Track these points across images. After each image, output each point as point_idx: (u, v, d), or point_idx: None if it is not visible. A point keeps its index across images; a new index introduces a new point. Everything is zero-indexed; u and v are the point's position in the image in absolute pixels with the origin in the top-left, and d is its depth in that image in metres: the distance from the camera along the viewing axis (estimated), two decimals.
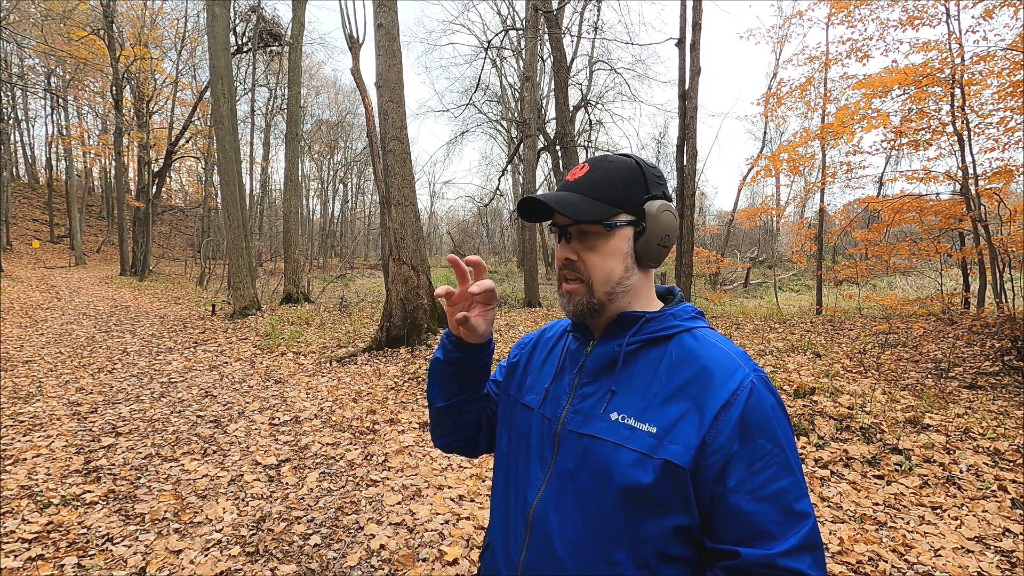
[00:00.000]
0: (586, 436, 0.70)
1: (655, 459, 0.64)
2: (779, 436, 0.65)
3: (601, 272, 0.73)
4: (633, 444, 0.66)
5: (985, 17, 6.63)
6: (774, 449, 0.64)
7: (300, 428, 4.06)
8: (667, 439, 0.65)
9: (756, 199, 32.67)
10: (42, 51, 15.63)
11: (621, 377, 0.72)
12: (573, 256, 0.74)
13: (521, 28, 16.05)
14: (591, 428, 0.70)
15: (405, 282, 6.58)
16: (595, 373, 0.75)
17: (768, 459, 0.63)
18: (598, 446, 0.69)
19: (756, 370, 0.68)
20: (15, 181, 29.05)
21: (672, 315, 0.74)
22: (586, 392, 0.74)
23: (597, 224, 0.72)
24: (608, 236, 0.72)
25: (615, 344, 0.74)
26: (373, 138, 10.07)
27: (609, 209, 0.72)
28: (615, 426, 0.68)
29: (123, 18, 18.14)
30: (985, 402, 3.97)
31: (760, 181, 28.29)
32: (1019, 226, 6.50)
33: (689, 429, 0.64)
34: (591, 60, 19.49)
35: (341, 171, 36.54)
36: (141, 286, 15.80)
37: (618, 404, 0.70)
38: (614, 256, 0.73)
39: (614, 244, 0.73)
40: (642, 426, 0.67)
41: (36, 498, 2.86)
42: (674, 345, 0.72)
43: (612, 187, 0.72)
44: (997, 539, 2.33)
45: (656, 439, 0.65)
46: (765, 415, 0.65)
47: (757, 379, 0.67)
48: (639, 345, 0.73)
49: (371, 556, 2.40)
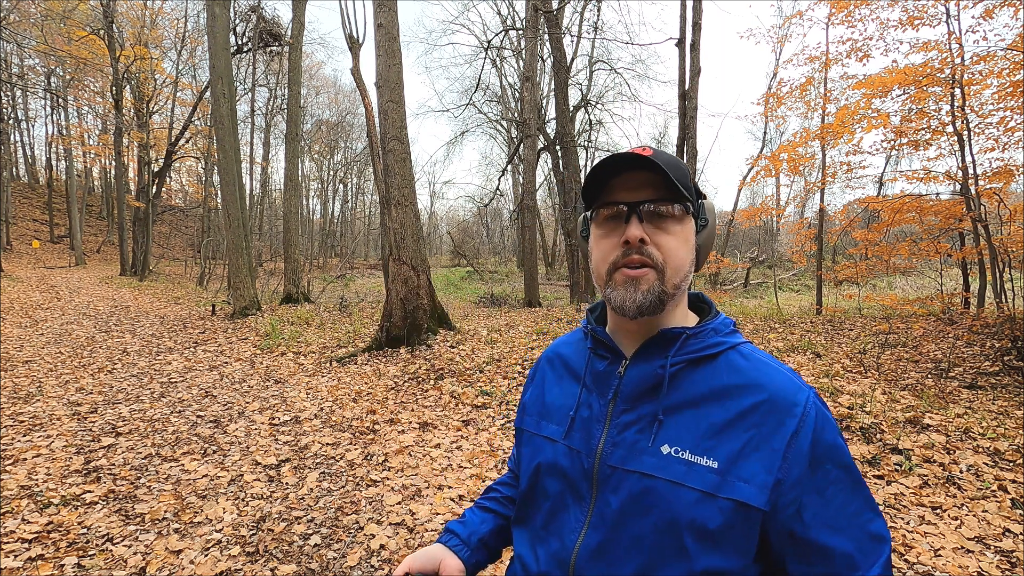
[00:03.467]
0: (634, 473, 0.62)
1: (721, 499, 0.57)
2: (845, 456, 0.60)
3: (676, 259, 0.64)
4: (693, 482, 0.58)
5: (985, 17, 6.63)
6: (842, 472, 0.60)
7: (300, 428, 4.06)
8: (733, 475, 0.58)
9: (756, 199, 32.69)
10: (42, 51, 15.63)
11: (668, 404, 0.63)
12: (649, 235, 0.64)
13: (521, 28, 16.05)
14: (639, 464, 0.62)
15: (405, 282, 6.58)
16: (634, 399, 0.65)
17: (839, 484, 0.59)
18: (651, 485, 0.60)
19: (810, 388, 0.63)
20: (15, 181, 29.04)
21: (713, 330, 0.66)
22: (626, 421, 0.65)
23: (681, 204, 0.64)
24: (684, 221, 0.65)
25: (657, 365, 0.64)
26: (373, 138, 10.07)
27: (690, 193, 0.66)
28: (668, 461, 0.60)
29: (123, 18, 18.13)
30: (985, 402, 3.97)
31: (760, 181, 28.31)
32: (1019, 226, 6.50)
33: (758, 465, 0.58)
34: (591, 60, 19.50)
35: (341, 171, 36.57)
36: (141, 286, 15.80)
37: (668, 435, 0.62)
38: (687, 245, 0.65)
39: (688, 232, 0.66)
40: (700, 460, 0.59)
41: (36, 498, 2.86)
42: (723, 366, 0.64)
43: (684, 174, 0.65)
44: (997, 539, 2.33)
45: (719, 475, 0.58)
46: (832, 439, 0.60)
47: (816, 398, 0.61)
48: (683, 366, 0.64)
49: (371, 556, 2.40)
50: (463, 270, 26.36)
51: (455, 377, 5.22)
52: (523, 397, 0.84)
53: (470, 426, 4.08)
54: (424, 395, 4.81)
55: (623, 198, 0.65)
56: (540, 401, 0.78)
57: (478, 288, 18.60)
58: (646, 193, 0.64)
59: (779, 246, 26.61)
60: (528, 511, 0.74)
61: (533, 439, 0.75)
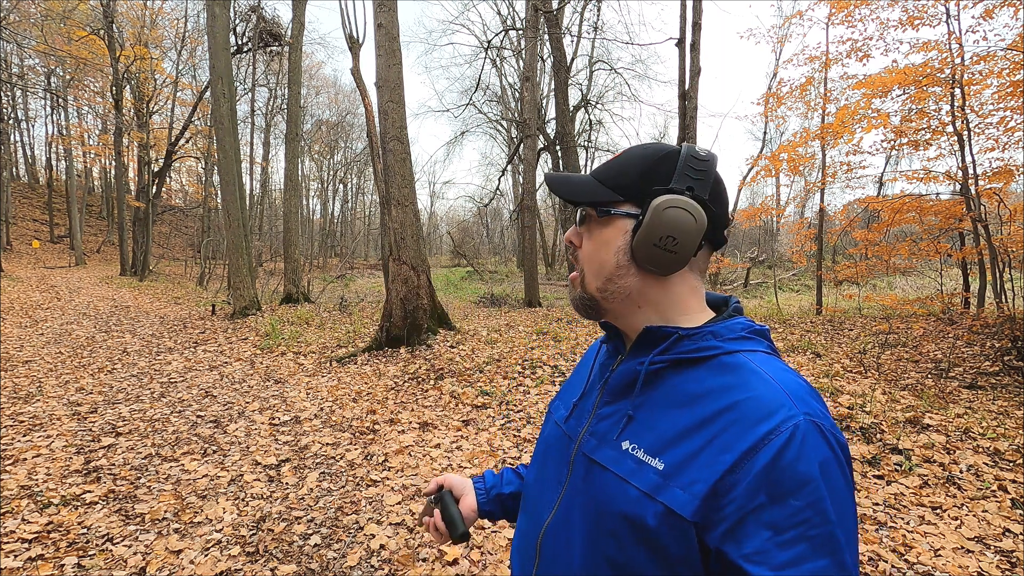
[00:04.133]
0: (596, 464, 0.63)
1: (657, 502, 0.55)
2: (824, 501, 0.49)
3: (592, 264, 0.66)
4: (637, 480, 0.57)
5: (985, 17, 6.63)
6: (814, 517, 0.48)
7: (300, 428, 4.06)
8: (674, 480, 0.55)
9: (756, 199, 32.69)
10: (42, 51, 15.63)
11: (640, 401, 0.63)
12: (575, 240, 0.69)
13: (521, 28, 16.05)
14: (601, 455, 0.63)
15: (405, 282, 6.58)
16: (616, 393, 0.66)
17: (804, 529, 0.48)
18: (604, 476, 0.61)
19: (811, 414, 0.53)
20: (15, 181, 29.04)
21: (711, 333, 0.62)
22: (605, 413, 0.66)
23: (592, 207, 0.66)
24: (602, 223, 0.66)
25: (637, 362, 0.64)
26: (373, 138, 10.07)
27: (608, 194, 0.65)
28: (624, 456, 0.60)
29: (123, 18, 18.14)
30: (985, 402, 3.97)
31: (760, 181, 28.30)
32: (1019, 226, 6.50)
33: (700, 473, 0.53)
34: (591, 60, 19.52)
35: (341, 171, 36.58)
36: (141, 286, 15.80)
37: (633, 432, 0.61)
38: (606, 248, 0.65)
39: (608, 234, 0.65)
40: (650, 460, 0.58)
41: (36, 498, 2.86)
42: (706, 369, 0.60)
43: (624, 173, 0.66)
44: (997, 539, 2.33)
45: (662, 478, 0.56)
46: (806, 472, 0.49)
47: (808, 424, 0.52)
48: (665, 365, 0.62)
49: (371, 556, 2.40)
50: (463, 270, 26.36)
51: (455, 377, 5.22)
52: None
53: (470, 426, 4.08)
54: (424, 395, 4.81)
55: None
56: (566, 385, 0.83)
57: (478, 288, 18.60)
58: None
59: (779, 246, 26.61)
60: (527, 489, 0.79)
61: (549, 419, 0.80)
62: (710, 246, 0.67)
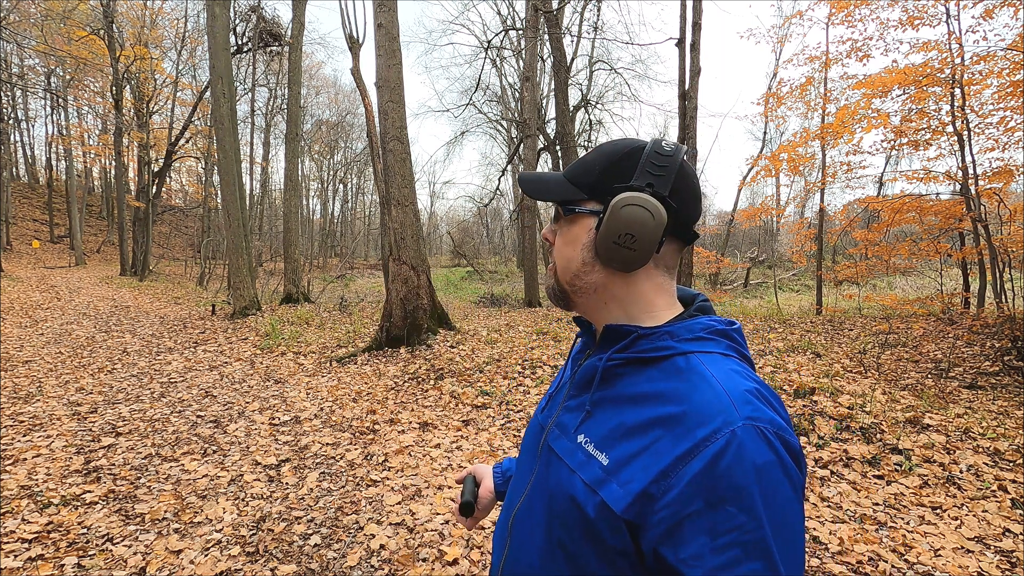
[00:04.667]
0: (554, 454, 0.66)
1: (596, 495, 0.57)
2: (757, 507, 0.49)
3: (561, 259, 0.70)
4: (584, 472, 0.60)
5: (985, 17, 6.63)
6: (748, 523, 0.49)
7: (300, 428, 4.06)
8: (614, 476, 0.56)
9: (756, 199, 32.71)
10: (42, 51, 15.62)
11: (597, 397, 0.64)
12: (549, 237, 0.73)
13: (521, 28, 16.05)
14: (559, 445, 0.66)
15: (405, 282, 6.59)
16: (579, 387, 0.68)
17: (737, 534, 0.49)
18: (559, 466, 0.64)
19: (755, 418, 0.52)
20: (15, 181, 29.04)
21: (668, 333, 0.62)
22: (571, 406, 0.68)
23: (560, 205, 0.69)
24: (570, 221, 0.68)
25: (596, 359, 0.66)
26: (373, 138, 10.07)
27: (573, 192, 0.67)
28: (575, 448, 0.63)
29: (123, 18, 18.14)
30: (985, 402, 3.97)
31: (760, 181, 28.31)
32: (1019, 226, 6.50)
33: (638, 472, 0.54)
34: (591, 60, 19.51)
35: (341, 171, 36.58)
36: (141, 286, 15.80)
37: (588, 426, 0.64)
38: (572, 245, 0.68)
39: (575, 231, 0.68)
40: (597, 455, 0.60)
41: (36, 498, 2.86)
42: (659, 370, 0.60)
43: (588, 171, 0.67)
44: (997, 539, 2.33)
45: (605, 472, 0.57)
46: (742, 478, 0.50)
47: (747, 429, 0.51)
48: (622, 363, 0.63)
49: (371, 556, 2.40)
50: (463, 270, 26.36)
51: (455, 377, 5.22)
52: None
53: (470, 426, 4.08)
54: (424, 395, 4.81)
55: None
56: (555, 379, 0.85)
57: (478, 288, 18.60)
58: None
59: (779, 246, 26.62)
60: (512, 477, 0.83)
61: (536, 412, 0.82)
62: (677, 242, 0.66)
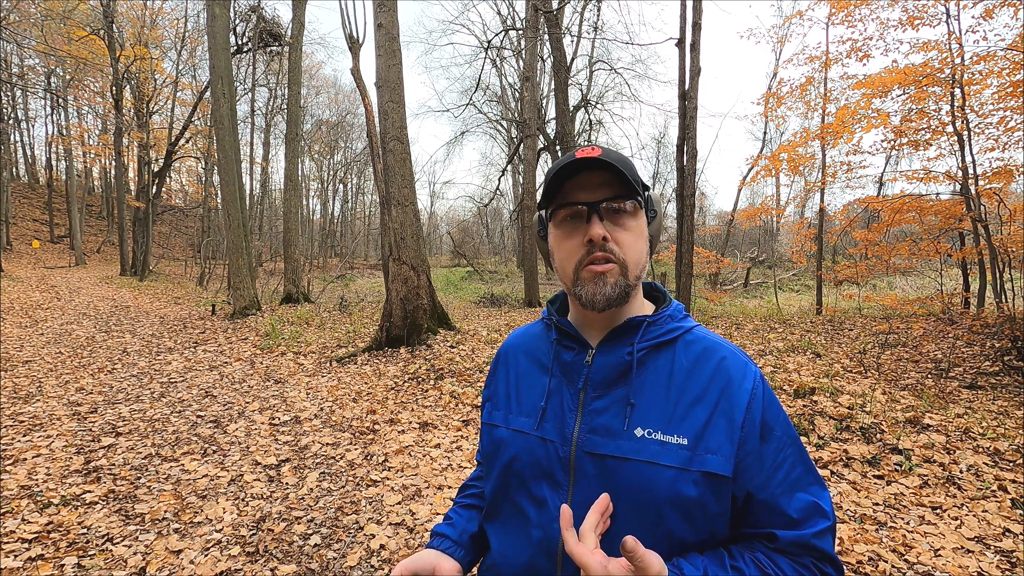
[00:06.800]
0: (611, 458, 0.64)
1: (693, 471, 0.62)
2: (785, 420, 0.67)
3: (634, 253, 0.68)
4: (667, 460, 0.62)
5: (985, 17, 6.63)
6: (786, 436, 0.66)
7: (300, 428, 4.06)
8: (701, 449, 0.63)
9: (756, 199, 32.69)
10: (42, 51, 15.63)
11: (636, 387, 0.66)
12: (608, 234, 0.66)
13: (521, 28, 16.05)
14: (616, 448, 0.64)
15: (405, 282, 6.58)
16: (606, 385, 0.68)
17: (786, 449, 0.65)
18: (629, 468, 0.63)
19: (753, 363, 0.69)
20: (15, 181, 29.04)
21: (669, 317, 0.71)
22: (598, 407, 0.67)
23: (634, 200, 0.67)
24: (637, 216, 0.68)
25: (624, 351, 0.68)
26: (373, 138, 10.07)
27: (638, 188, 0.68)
28: (643, 443, 0.63)
29: (123, 18, 18.13)
30: (985, 402, 3.97)
31: (760, 181, 28.30)
32: (1019, 226, 6.50)
33: (721, 436, 0.63)
34: (591, 60, 19.50)
35: (341, 171, 36.56)
36: (141, 286, 15.80)
37: (640, 418, 0.65)
38: (643, 238, 0.69)
39: (640, 225, 0.69)
40: (671, 439, 0.63)
41: (36, 498, 2.86)
42: (680, 349, 0.69)
43: (632, 169, 0.67)
44: (997, 539, 2.33)
45: (689, 451, 0.62)
46: (775, 405, 0.67)
47: (758, 374, 0.68)
48: (646, 351, 0.68)
49: (371, 556, 2.40)
50: (463, 270, 26.35)
51: (455, 377, 5.22)
52: (485, 392, 0.85)
53: (470, 426, 4.08)
54: (424, 395, 4.81)
55: (581, 198, 0.67)
56: (507, 395, 0.78)
57: (478, 288, 18.59)
58: (602, 192, 0.67)
59: (779, 246, 26.60)
60: (501, 505, 0.74)
61: (503, 433, 0.75)
62: None
